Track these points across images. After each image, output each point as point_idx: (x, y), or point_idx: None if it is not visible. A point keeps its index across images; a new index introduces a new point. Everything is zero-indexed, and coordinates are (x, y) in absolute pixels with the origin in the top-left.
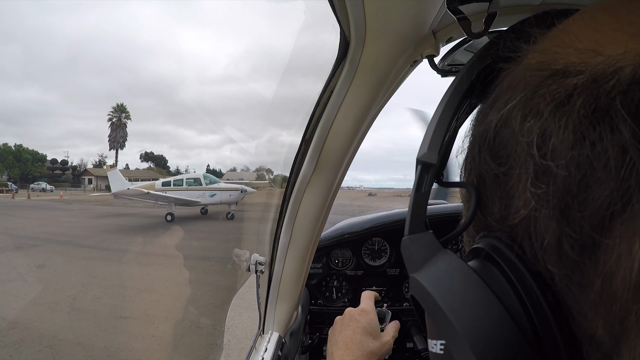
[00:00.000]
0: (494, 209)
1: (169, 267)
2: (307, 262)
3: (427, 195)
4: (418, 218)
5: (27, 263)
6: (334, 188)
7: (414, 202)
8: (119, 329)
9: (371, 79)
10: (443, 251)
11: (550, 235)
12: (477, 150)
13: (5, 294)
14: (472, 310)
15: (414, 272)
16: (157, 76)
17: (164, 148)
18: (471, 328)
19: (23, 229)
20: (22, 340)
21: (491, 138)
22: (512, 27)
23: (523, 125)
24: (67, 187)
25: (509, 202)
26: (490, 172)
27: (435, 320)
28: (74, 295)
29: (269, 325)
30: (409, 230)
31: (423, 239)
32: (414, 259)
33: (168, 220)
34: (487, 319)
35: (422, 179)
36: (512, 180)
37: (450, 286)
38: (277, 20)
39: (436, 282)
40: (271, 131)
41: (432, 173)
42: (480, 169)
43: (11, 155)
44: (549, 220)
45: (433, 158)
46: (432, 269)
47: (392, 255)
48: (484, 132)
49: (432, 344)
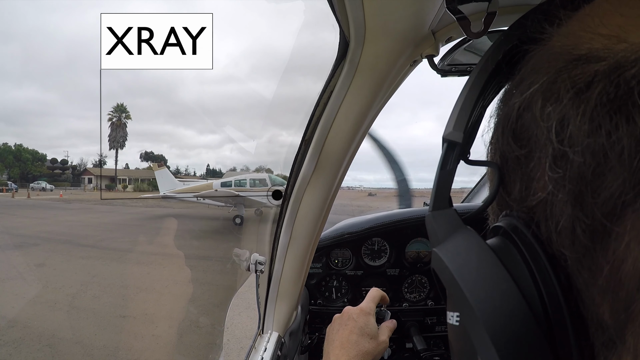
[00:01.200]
0: (515, 189)
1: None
2: (307, 261)
3: (452, 174)
4: (442, 195)
5: (28, 262)
6: (334, 188)
7: (439, 180)
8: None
9: (371, 79)
10: (464, 228)
11: (564, 219)
12: (501, 131)
13: (5, 293)
14: (486, 286)
15: (435, 247)
16: (156, 75)
17: (164, 148)
18: (484, 303)
19: (23, 228)
20: (21, 339)
21: (514, 120)
22: (539, 7)
23: (543, 110)
24: (67, 187)
25: (529, 183)
26: (512, 153)
27: (452, 293)
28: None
29: (269, 324)
30: (433, 206)
31: (446, 215)
32: (436, 234)
33: (237, 224)
34: (500, 296)
35: (447, 157)
36: (532, 163)
37: (467, 262)
38: (277, 20)
39: (454, 257)
40: (271, 131)
41: (457, 151)
42: (503, 149)
43: (11, 154)
44: (564, 205)
45: (458, 137)
46: (452, 245)
47: (392, 255)
48: (507, 113)
49: (450, 316)
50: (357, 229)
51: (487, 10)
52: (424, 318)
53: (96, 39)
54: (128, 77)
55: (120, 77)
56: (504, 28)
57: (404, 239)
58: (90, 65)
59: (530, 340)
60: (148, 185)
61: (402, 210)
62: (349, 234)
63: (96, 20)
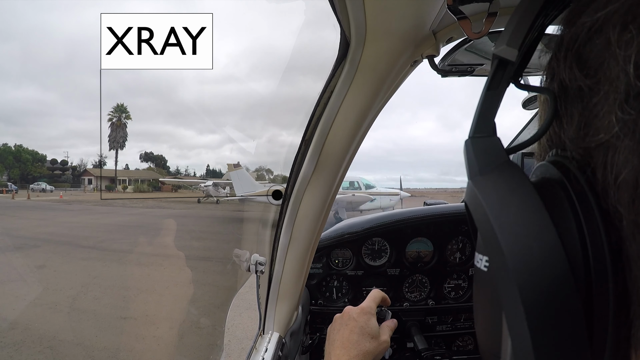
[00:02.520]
0: (572, 124)
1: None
2: (307, 262)
3: (501, 96)
4: (487, 119)
5: (29, 263)
6: (334, 188)
7: (484, 101)
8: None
9: (371, 79)
10: (508, 162)
11: (628, 171)
12: (564, 54)
13: (6, 295)
14: (525, 233)
15: (472, 178)
16: (156, 75)
17: (164, 148)
18: (519, 252)
19: (23, 229)
20: (22, 341)
21: (582, 44)
22: None
23: (622, 35)
24: (67, 188)
25: (590, 120)
26: (575, 82)
27: (484, 235)
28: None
29: (269, 325)
30: (475, 130)
31: (489, 143)
32: (475, 164)
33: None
34: (539, 246)
35: (496, 76)
36: (597, 97)
37: (507, 202)
38: (277, 20)
39: (493, 194)
40: (271, 131)
41: (509, 71)
42: (563, 76)
43: (11, 155)
44: (631, 154)
45: (512, 54)
46: (492, 179)
47: (392, 255)
48: (574, 35)
49: (478, 258)
50: (357, 229)
51: (488, 10)
52: (425, 317)
53: (95, 38)
54: (128, 76)
55: (120, 76)
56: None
57: (404, 239)
58: (89, 64)
59: (565, 305)
60: (148, 186)
61: (402, 210)
62: (349, 234)
63: (95, 20)
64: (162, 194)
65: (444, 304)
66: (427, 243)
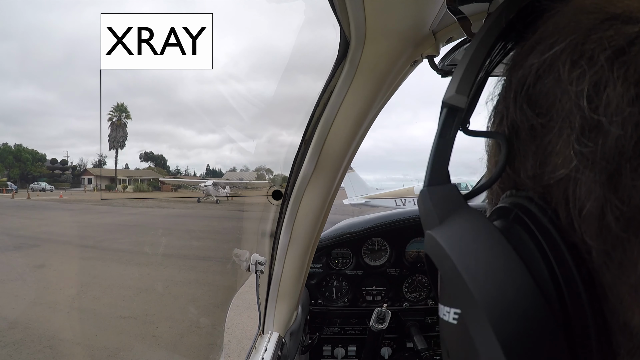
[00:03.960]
0: (526, 165)
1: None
2: (307, 262)
3: (451, 143)
4: (440, 168)
5: (28, 263)
6: (334, 188)
7: (437, 150)
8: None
9: (371, 79)
10: (466, 208)
11: (592, 203)
12: (513, 96)
13: (5, 294)
14: (496, 279)
15: (430, 229)
16: (156, 74)
17: (164, 148)
18: (493, 299)
19: (23, 229)
20: (21, 340)
21: (531, 84)
22: None
23: (572, 71)
24: (67, 187)
25: (546, 158)
26: (526, 122)
27: (451, 286)
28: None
29: (269, 325)
30: (429, 180)
31: (444, 191)
32: (432, 214)
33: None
34: (513, 291)
35: (447, 124)
36: (551, 134)
37: (472, 249)
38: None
39: (456, 242)
40: (271, 131)
41: (458, 118)
42: (514, 118)
43: (11, 155)
44: (593, 185)
45: (461, 101)
46: (453, 227)
47: (392, 255)
48: (522, 77)
49: (445, 311)
50: (357, 229)
51: (487, 10)
52: (425, 317)
53: (95, 37)
54: (127, 76)
55: (119, 76)
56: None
57: (404, 239)
58: (89, 64)
59: (548, 347)
60: (148, 185)
61: (402, 210)
62: (349, 234)
63: (95, 19)
64: (161, 194)
65: None
66: None
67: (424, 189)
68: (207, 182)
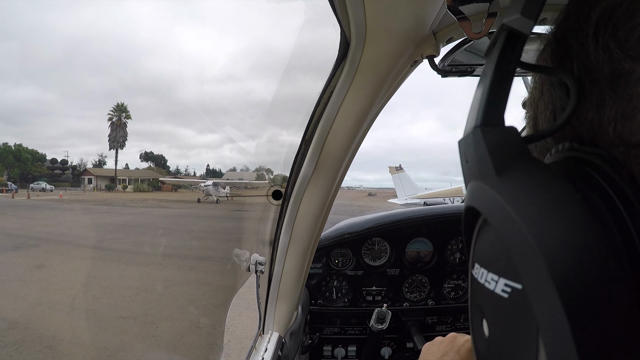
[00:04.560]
0: (601, 117)
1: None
2: (307, 262)
3: (511, 77)
4: (497, 105)
5: (28, 263)
6: (334, 188)
7: (493, 82)
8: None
9: (371, 79)
10: (532, 159)
11: None
12: (593, 32)
13: (5, 294)
14: (576, 254)
15: (483, 179)
16: (155, 74)
17: (164, 148)
18: (568, 271)
19: (23, 229)
20: (22, 340)
21: (623, 18)
22: None
23: None
24: (67, 187)
25: (629, 112)
26: (610, 66)
27: (513, 251)
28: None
29: (269, 325)
30: (483, 119)
31: (503, 134)
32: (486, 161)
33: None
34: (596, 270)
35: (506, 52)
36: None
37: (546, 213)
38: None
39: (525, 202)
40: (271, 131)
41: (520, 46)
42: (591, 58)
43: (11, 154)
44: None
45: (526, 27)
46: (518, 181)
47: (392, 255)
48: (609, 8)
49: (489, 278)
50: (357, 229)
51: (488, 10)
52: (425, 318)
53: (94, 37)
54: (127, 75)
55: (118, 75)
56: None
57: (404, 239)
58: (89, 63)
59: (628, 329)
60: (148, 185)
61: (402, 210)
62: (349, 234)
63: (94, 19)
64: (161, 194)
65: (444, 304)
66: (427, 243)
67: (476, 128)
68: (207, 182)
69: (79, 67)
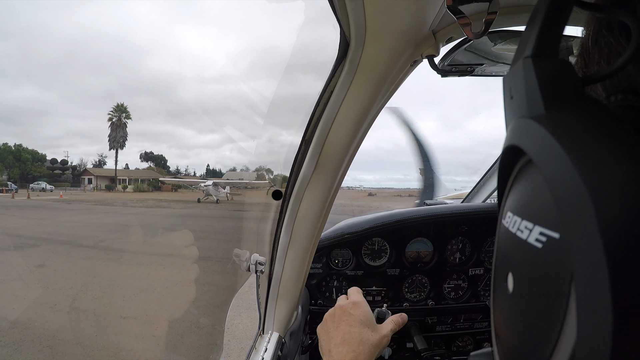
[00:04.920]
0: None
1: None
2: (307, 262)
3: (569, 12)
4: (554, 34)
5: (28, 263)
6: (334, 188)
7: (549, 13)
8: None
9: (371, 79)
10: (587, 96)
11: None
12: None
13: (5, 294)
14: (625, 198)
15: (531, 115)
16: (155, 74)
17: (163, 148)
18: (616, 222)
19: (23, 229)
20: (21, 340)
21: None
22: None
23: None
24: (67, 187)
25: None
26: None
27: (557, 195)
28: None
29: (269, 325)
30: (535, 48)
31: (557, 67)
32: (536, 95)
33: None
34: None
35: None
36: None
37: (604, 159)
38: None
39: (577, 137)
40: (271, 131)
41: None
42: None
43: (11, 155)
44: None
45: None
46: (572, 115)
47: (392, 255)
48: None
49: (522, 226)
50: (357, 229)
51: (487, 10)
52: (425, 318)
53: (94, 37)
54: (127, 75)
55: (118, 75)
56: (504, 28)
57: (404, 239)
58: (88, 63)
59: None
60: (148, 185)
61: (402, 210)
62: (349, 234)
63: (94, 18)
64: (161, 194)
65: (444, 305)
66: (427, 243)
67: (527, 59)
68: (207, 182)
69: (79, 67)
